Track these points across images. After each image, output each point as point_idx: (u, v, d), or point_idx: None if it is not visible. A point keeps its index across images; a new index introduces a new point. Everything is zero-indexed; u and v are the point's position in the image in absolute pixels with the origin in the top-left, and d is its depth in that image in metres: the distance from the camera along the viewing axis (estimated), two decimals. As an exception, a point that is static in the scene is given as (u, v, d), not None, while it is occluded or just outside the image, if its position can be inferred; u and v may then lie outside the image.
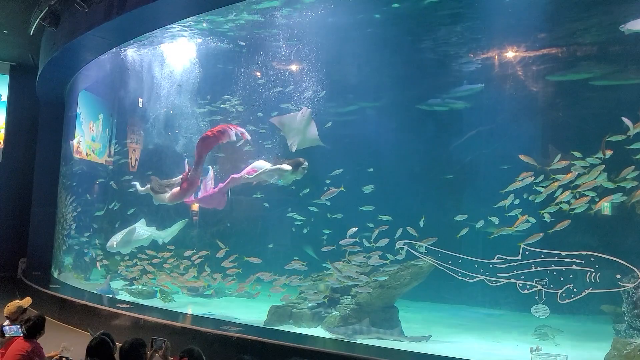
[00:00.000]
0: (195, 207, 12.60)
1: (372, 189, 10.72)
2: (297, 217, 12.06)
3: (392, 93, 13.19)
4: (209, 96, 13.06)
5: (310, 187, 11.27)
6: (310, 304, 9.58)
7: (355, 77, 12.65)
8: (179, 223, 12.20)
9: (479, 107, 12.58)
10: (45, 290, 12.22)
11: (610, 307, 8.58)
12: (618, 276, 6.88)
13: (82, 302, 10.69)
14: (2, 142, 18.97)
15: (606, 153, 8.11)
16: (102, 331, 4.83)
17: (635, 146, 7.93)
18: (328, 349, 7.38)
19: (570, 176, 8.23)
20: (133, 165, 13.94)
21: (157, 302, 11.45)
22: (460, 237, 9.14)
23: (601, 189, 8.23)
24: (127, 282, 12.61)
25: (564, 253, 7.25)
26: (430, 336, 8.67)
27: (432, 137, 13.07)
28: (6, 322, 5.79)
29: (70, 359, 5.37)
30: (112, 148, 14.41)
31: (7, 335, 5.44)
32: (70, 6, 11.13)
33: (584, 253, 7.14)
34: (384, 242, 9.05)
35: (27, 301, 6.28)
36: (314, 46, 11.34)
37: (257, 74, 12.79)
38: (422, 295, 11.20)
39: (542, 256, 7.39)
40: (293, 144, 10.31)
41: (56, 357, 5.44)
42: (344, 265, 9.36)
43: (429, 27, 11.92)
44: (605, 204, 9.09)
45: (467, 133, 12.73)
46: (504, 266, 7.65)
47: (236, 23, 11.47)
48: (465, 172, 12.76)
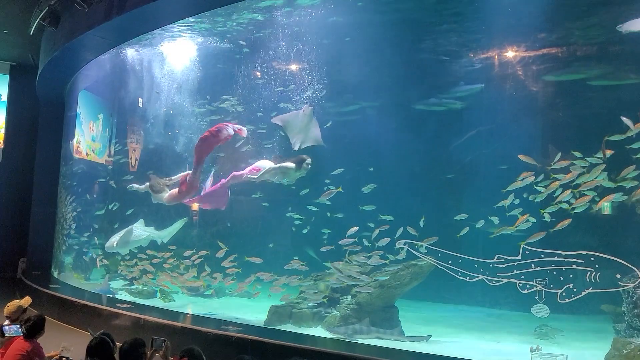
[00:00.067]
0: (195, 207, 12.58)
1: (373, 188, 10.70)
2: (296, 217, 12.05)
3: (392, 93, 13.17)
4: (209, 96, 13.04)
5: (310, 187, 11.25)
6: (310, 304, 9.58)
7: (355, 76, 12.61)
8: (178, 222, 12.18)
9: (479, 107, 12.57)
10: (45, 290, 12.22)
11: (610, 307, 8.57)
12: (618, 276, 6.88)
13: (82, 302, 10.70)
14: (2, 142, 18.95)
15: (607, 153, 8.09)
16: (102, 331, 4.83)
17: (635, 145, 7.92)
18: (328, 348, 7.38)
19: (570, 176, 8.20)
20: (133, 165, 13.93)
21: (157, 302, 11.46)
22: (460, 236, 9.14)
23: (601, 189, 8.21)
24: (127, 282, 12.61)
25: (564, 253, 7.25)
26: (430, 336, 8.67)
27: (432, 137, 13.05)
28: (6, 322, 5.79)
29: (70, 359, 5.37)
30: (112, 148, 14.40)
31: (7, 335, 5.44)
32: (70, 6, 11.11)
33: (584, 253, 7.14)
34: (384, 241, 9.04)
35: (26, 301, 6.28)
36: (314, 46, 11.32)
37: (257, 73, 12.78)
38: (422, 295, 11.20)
39: (542, 256, 7.39)
40: (296, 142, 10.24)
41: (56, 357, 5.44)
42: (344, 265, 9.36)
43: (429, 26, 11.92)
44: (605, 204, 9.08)
45: (467, 133, 12.73)
46: (504, 266, 7.65)
47: (237, 22, 11.47)
48: (465, 172, 12.76)
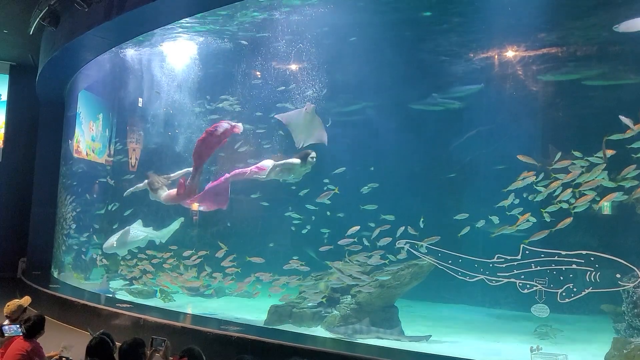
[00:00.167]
0: (195, 207, 12.58)
1: (375, 187, 10.70)
2: (295, 217, 12.05)
3: (392, 93, 13.18)
4: (209, 96, 13.05)
5: (310, 187, 11.25)
6: (310, 304, 9.58)
7: (355, 76, 12.62)
8: (175, 222, 12.18)
9: (479, 107, 12.57)
10: (45, 290, 12.22)
11: (610, 307, 8.55)
12: (618, 276, 6.88)
13: (82, 301, 10.70)
14: (2, 142, 18.95)
15: (607, 153, 8.09)
16: (101, 331, 4.83)
17: (635, 145, 7.92)
18: (328, 348, 7.38)
19: (571, 176, 8.20)
20: (133, 165, 13.92)
21: (157, 302, 11.46)
22: (460, 236, 9.14)
23: (601, 189, 8.21)
24: (127, 282, 12.61)
25: (564, 252, 7.25)
26: (430, 336, 8.67)
27: (432, 136, 13.05)
28: (6, 322, 5.78)
29: (70, 358, 5.37)
30: (112, 148, 14.40)
31: (6, 334, 5.43)
32: (70, 6, 11.10)
33: (584, 252, 7.14)
34: (385, 241, 9.04)
35: (26, 300, 6.27)
36: (314, 45, 11.32)
37: (257, 73, 12.78)
38: (422, 294, 11.20)
39: (542, 255, 7.39)
40: (299, 140, 10.21)
41: (56, 357, 5.43)
42: (343, 265, 9.36)
43: (429, 26, 11.92)
44: (605, 204, 9.07)
45: (467, 133, 12.73)
46: (504, 265, 7.65)
47: (237, 21, 11.47)
48: (465, 172, 12.76)
